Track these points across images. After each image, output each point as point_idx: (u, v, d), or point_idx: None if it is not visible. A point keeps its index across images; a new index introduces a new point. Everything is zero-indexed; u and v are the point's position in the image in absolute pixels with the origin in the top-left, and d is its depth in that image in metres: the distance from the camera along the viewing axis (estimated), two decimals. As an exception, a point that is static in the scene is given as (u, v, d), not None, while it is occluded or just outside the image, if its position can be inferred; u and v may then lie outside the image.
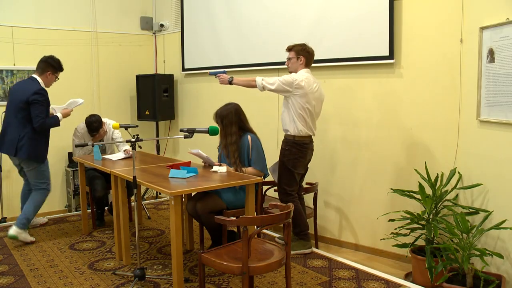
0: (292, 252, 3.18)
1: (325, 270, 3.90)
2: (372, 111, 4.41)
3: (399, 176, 4.25)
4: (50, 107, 4.62)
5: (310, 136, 4.17)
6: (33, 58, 5.91)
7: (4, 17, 5.75)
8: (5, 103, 5.71)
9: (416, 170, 3.88)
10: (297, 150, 4.09)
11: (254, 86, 4.08)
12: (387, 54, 4.21)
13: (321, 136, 4.81)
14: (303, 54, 4.06)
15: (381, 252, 4.40)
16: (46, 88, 4.60)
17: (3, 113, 5.51)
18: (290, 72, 4.13)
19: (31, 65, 5.90)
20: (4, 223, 5.44)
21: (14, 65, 5.84)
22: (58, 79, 4.88)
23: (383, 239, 3.97)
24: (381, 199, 4.37)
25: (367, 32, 4.33)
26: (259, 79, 4.04)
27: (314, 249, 4.39)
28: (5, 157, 5.71)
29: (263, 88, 4.04)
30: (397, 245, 3.71)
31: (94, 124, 4.83)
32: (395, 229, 3.78)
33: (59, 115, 4.62)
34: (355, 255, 4.46)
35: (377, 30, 4.25)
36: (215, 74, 4.39)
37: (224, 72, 4.31)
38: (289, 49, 4.13)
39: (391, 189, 3.96)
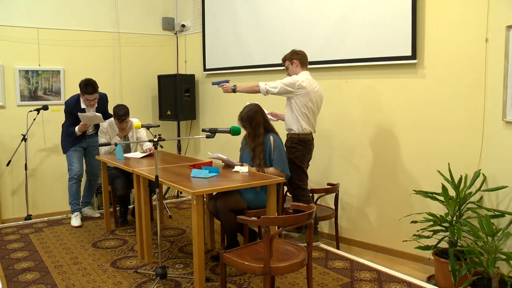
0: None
1: (346, 271, 3.88)
2: (394, 112, 4.37)
3: (422, 177, 4.20)
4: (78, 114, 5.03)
5: (312, 133, 4.33)
6: (57, 58, 6.06)
7: (30, 19, 5.86)
8: (31, 102, 5.88)
9: (439, 171, 3.84)
10: (303, 147, 4.27)
11: (258, 91, 4.28)
12: (410, 54, 4.16)
13: (342, 137, 4.80)
14: (294, 57, 4.30)
15: (403, 254, 4.35)
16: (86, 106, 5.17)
17: (29, 112, 5.65)
18: None
19: (55, 66, 6.03)
20: (29, 220, 5.53)
21: (39, 65, 5.94)
22: (89, 100, 5.07)
23: (405, 241, 3.93)
24: (402, 200, 4.32)
25: (389, 32, 4.30)
26: (262, 84, 4.23)
27: (336, 250, 4.38)
28: (30, 155, 5.83)
29: (267, 92, 4.23)
30: (420, 247, 3.67)
31: (122, 110, 4.89)
32: (418, 231, 3.74)
33: (76, 128, 5.13)
34: (377, 257, 4.42)
35: (399, 30, 4.21)
36: (218, 84, 4.54)
37: (227, 81, 4.50)
38: (283, 60, 4.41)
39: (414, 190, 3.92)
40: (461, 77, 3.89)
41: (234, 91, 4.40)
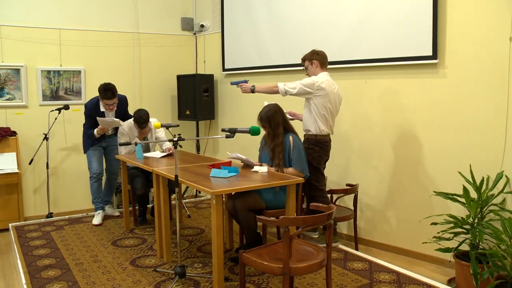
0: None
1: (365, 272, 3.85)
2: (414, 112, 4.33)
3: (442, 179, 4.15)
4: (97, 118, 5.11)
5: (329, 134, 4.33)
6: (78, 59, 6.14)
7: (52, 20, 5.94)
8: (53, 102, 5.96)
9: (460, 172, 3.79)
10: (320, 148, 4.27)
11: (277, 92, 4.29)
12: (431, 54, 4.12)
13: (361, 137, 4.77)
14: (314, 57, 4.29)
15: (423, 256, 4.31)
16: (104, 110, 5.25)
17: (51, 112, 5.73)
18: None
19: (76, 66, 6.11)
20: (50, 218, 5.61)
21: (60, 66, 6.03)
22: (108, 105, 5.13)
23: (425, 242, 3.89)
24: (422, 201, 4.28)
25: (410, 31, 4.25)
26: (281, 85, 4.24)
27: (354, 251, 4.36)
28: (51, 154, 5.91)
29: (286, 93, 4.25)
30: (440, 250, 3.63)
31: (143, 117, 4.93)
32: (438, 232, 3.69)
33: (95, 131, 5.20)
34: (396, 258, 4.39)
35: (420, 29, 4.16)
36: (236, 83, 4.58)
37: (246, 81, 4.54)
38: (302, 60, 4.40)
39: (434, 191, 3.88)
40: (483, 77, 3.84)
41: (252, 91, 4.43)
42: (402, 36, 4.31)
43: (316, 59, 4.28)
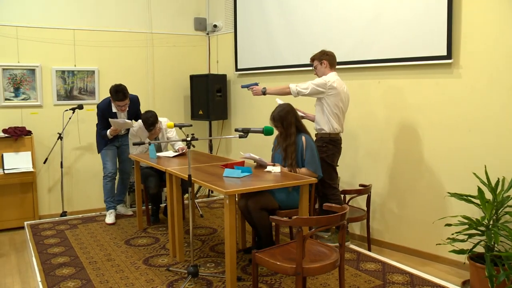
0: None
1: (378, 273, 3.83)
2: (428, 112, 4.30)
3: (456, 180, 4.11)
4: (109, 119, 5.15)
5: (340, 132, 4.36)
6: (92, 59, 6.19)
7: (66, 21, 6.00)
8: (67, 102, 6.02)
9: (474, 173, 3.75)
10: (333, 146, 4.32)
11: (289, 93, 4.32)
12: (445, 53, 4.08)
13: (375, 137, 4.75)
14: (324, 58, 4.33)
15: (437, 257, 4.27)
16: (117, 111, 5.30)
17: (65, 112, 5.79)
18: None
19: (90, 66, 6.16)
20: (64, 217, 5.67)
21: (75, 66, 6.08)
22: (120, 106, 5.17)
23: (439, 244, 3.86)
24: (436, 202, 4.25)
25: (424, 30, 4.22)
26: (293, 86, 4.28)
27: (367, 252, 4.34)
28: (65, 154, 5.96)
29: (298, 94, 4.28)
30: (454, 251, 3.60)
31: (150, 119, 4.95)
32: (452, 234, 3.66)
33: (108, 132, 5.24)
34: (409, 260, 4.36)
35: (434, 28, 4.13)
36: (247, 86, 4.61)
37: (256, 84, 4.56)
38: (312, 59, 4.42)
39: (448, 193, 3.85)
40: (499, 77, 3.80)
41: (264, 93, 4.47)
42: (416, 35, 4.29)
43: (326, 59, 4.30)
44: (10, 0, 5.66)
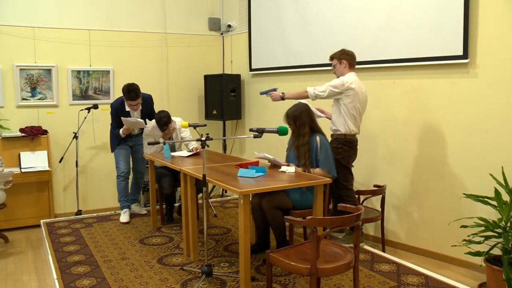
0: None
1: (393, 275, 3.81)
2: (444, 112, 4.26)
3: (472, 181, 4.07)
4: (122, 118, 5.19)
5: (356, 134, 4.33)
6: (107, 59, 6.24)
7: (82, 21, 6.05)
8: (82, 102, 6.08)
9: (491, 175, 3.71)
10: (349, 147, 4.29)
11: (307, 97, 4.32)
12: (461, 53, 4.04)
13: (389, 137, 4.72)
14: (343, 57, 4.28)
15: (452, 259, 4.23)
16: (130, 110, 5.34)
17: (80, 111, 5.84)
18: (338, 77, 4.31)
19: (105, 66, 6.21)
20: (79, 216, 5.72)
21: (90, 66, 6.13)
22: (132, 105, 5.21)
23: (455, 245, 3.82)
24: (451, 204, 4.21)
25: (439, 30, 4.19)
26: (311, 89, 4.27)
27: (381, 253, 4.31)
28: (81, 153, 6.02)
29: (316, 97, 4.27)
30: (470, 253, 3.55)
31: (163, 119, 4.97)
32: (468, 236, 3.63)
33: (121, 131, 5.29)
34: (424, 261, 4.32)
35: (450, 28, 4.09)
36: (266, 93, 4.64)
37: (275, 89, 4.58)
38: (331, 58, 4.37)
39: (464, 194, 3.81)
40: (516, 77, 3.76)
41: (282, 98, 4.48)
42: (431, 35, 4.25)
43: (346, 59, 4.26)
44: (28, 2, 5.72)
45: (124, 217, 5.40)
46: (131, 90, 5.09)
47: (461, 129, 4.14)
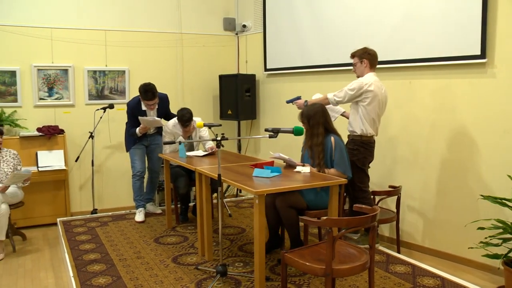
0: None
1: (408, 276, 3.78)
2: (461, 113, 4.21)
3: (490, 182, 4.02)
4: (139, 117, 5.22)
5: (373, 135, 4.29)
6: (123, 59, 6.28)
7: (98, 22, 6.10)
8: (98, 101, 6.13)
9: (509, 176, 3.66)
10: (365, 149, 4.25)
11: (328, 103, 4.30)
12: (479, 53, 4.00)
13: (406, 138, 4.68)
14: (365, 57, 4.21)
15: (469, 261, 4.19)
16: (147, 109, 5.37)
17: (96, 111, 5.89)
18: (358, 77, 4.28)
19: (121, 66, 6.26)
20: (95, 214, 5.77)
21: (106, 66, 6.18)
22: (149, 105, 5.25)
23: (472, 248, 3.78)
24: (468, 205, 4.17)
25: (456, 29, 4.14)
26: (331, 95, 4.25)
27: (396, 254, 4.28)
28: (96, 152, 6.07)
29: (337, 103, 4.26)
30: (488, 256, 3.51)
31: (186, 116, 4.98)
32: (485, 238, 3.58)
33: (137, 130, 5.31)
34: (440, 263, 4.29)
35: (468, 27, 4.04)
36: (291, 101, 4.65)
37: (299, 97, 4.58)
38: (352, 55, 4.31)
39: (481, 195, 3.76)
40: (535, 78, 3.71)
41: (306, 106, 4.43)
42: (448, 34, 4.21)
43: (367, 59, 4.20)
44: (45, 3, 5.79)
45: (139, 216, 5.43)
46: (148, 90, 5.12)
47: (479, 129, 4.09)
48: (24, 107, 5.78)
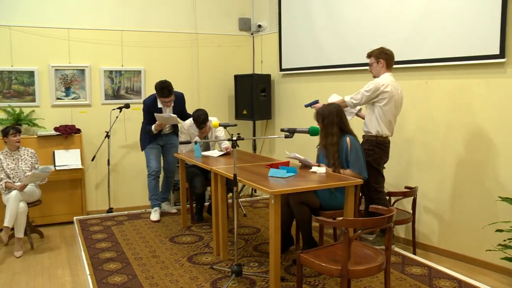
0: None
1: (424, 278, 3.74)
2: (480, 113, 4.16)
3: (508, 184, 3.97)
4: (155, 114, 5.24)
5: (388, 136, 4.27)
6: (139, 59, 6.32)
7: (115, 23, 6.16)
8: (114, 101, 6.18)
9: (528, 178, 3.62)
10: (380, 149, 4.23)
11: (346, 107, 4.28)
12: (498, 52, 3.94)
13: (422, 139, 4.64)
14: (382, 57, 4.18)
15: (486, 264, 4.14)
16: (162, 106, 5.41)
17: (112, 110, 5.93)
18: (374, 77, 4.26)
19: (137, 66, 6.30)
20: (111, 213, 5.81)
21: (122, 66, 6.23)
22: (165, 102, 5.29)
23: (489, 250, 3.74)
24: (486, 207, 4.12)
25: (474, 28, 4.09)
26: (348, 98, 4.25)
27: (412, 256, 4.25)
28: (112, 152, 6.12)
29: (354, 106, 4.27)
30: (506, 258, 3.47)
31: (201, 117, 5.01)
32: (504, 240, 3.54)
33: (153, 127, 5.33)
34: (456, 265, 4.24)
35: (486, 25, 3.99)
36: (310, 105, 4.65)
37: (317, 101, 4.59)
38: (369, 55, 4.28)
39: (499, 197, 3.72)
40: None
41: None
42: (466, 33, 4.16)
43: (384, 59, 4.17)
44: (63, 4, 5.86)
45: (154, 215, 5.46)
46: (164, 88, 5.16)
47: (497, 130, 4.04)
48: (41, 106, 5.85)
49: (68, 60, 5.93)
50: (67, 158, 5.72)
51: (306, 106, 4.72)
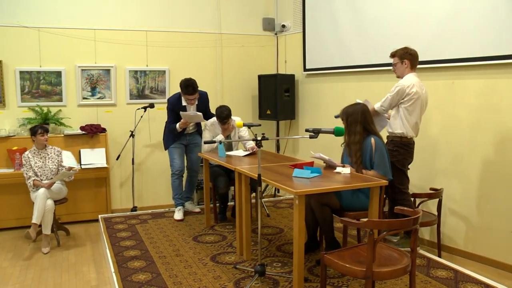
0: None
1: (450, 282, 3.68)
2: (508, 114, 4.08)
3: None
4: (180, 112, 5.29)
5: (413, 137, 4.24)
6: (163, 59, 6.38)
7: (140, 23, 6.22)
8: (139, 101, 6.25)
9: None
10: (405, 150, 4.20)
11: (378, 114, 4.28)
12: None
13: (449, 140, 4.57)
14: (406, 57, 4.14)
15: (514, 268, 4.07)
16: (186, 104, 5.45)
17: (137, 110, 6.00)
18: (398, 77, 4.23)
19: (161, 66, 6.35)
20: (135, 212, 5.88)
21: (147, 66, 6.29)
22: (189, 100, 5.33)
23: (518, 254, 3.67)
24: (515, 210, 4.04)
25: (503, 26, 4.00)
26: (378, 106, 4.23)
27: (438, 258, 4.19)
28: (137, 151, 6.18)
29: (384, 112, 4.26)
30: (535, 262, 3.39)
31: (224, 113, 5.04)
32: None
33: (177, 125, 5.37)
34: (483, 269, 4.16)
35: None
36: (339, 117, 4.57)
37: None
38: (392, 55, 4.24)
39: (529, 200, 3.64)
40: None
41: None
42: (494, 32, 4.07)
43: (408, 59, 4.13)
44: (89, 5, 5.95)
45: (178, 214, 5.50)
46: (188, 85, 5.21)
47: (526, 132, 3.96)
48: (68, 106, 5.94)
49: (94, 60, 6.02)
50: (93, 157, 5.81)
51: (336, 117, 4.67)
